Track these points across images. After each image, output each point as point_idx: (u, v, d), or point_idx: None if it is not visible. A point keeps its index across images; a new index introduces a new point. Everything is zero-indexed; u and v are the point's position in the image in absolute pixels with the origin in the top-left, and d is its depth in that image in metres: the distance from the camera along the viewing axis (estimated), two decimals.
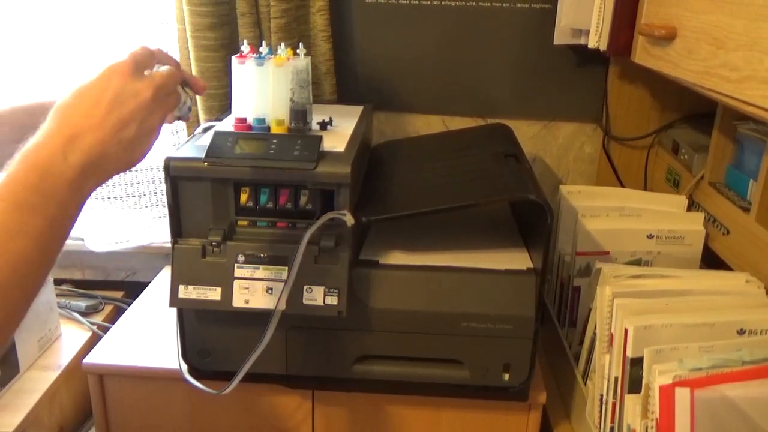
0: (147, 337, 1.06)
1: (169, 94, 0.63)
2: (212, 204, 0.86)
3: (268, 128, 0.89)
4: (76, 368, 1.11)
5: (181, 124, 1.25)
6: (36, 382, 1.05)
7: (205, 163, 0.83)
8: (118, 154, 0.57)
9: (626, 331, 0.77)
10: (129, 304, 1.21)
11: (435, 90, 1.29)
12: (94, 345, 1.04)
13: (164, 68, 0.65)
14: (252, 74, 0.87)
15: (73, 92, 0.57)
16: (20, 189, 0.52)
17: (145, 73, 0.62)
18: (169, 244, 0.87)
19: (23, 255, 0.51)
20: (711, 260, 0.99)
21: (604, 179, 1.30)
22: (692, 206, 1.06)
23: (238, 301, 0.85)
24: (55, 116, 0.56)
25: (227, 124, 0.97)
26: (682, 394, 0.68)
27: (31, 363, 1.10)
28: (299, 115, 0.90)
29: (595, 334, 0.87)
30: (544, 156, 1.34)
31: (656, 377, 0.70)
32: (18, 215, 0.51)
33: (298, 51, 0.90)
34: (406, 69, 1.28)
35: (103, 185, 1.30)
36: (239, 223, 0.87)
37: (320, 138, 0.85)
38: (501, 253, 0.95)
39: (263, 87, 0.88)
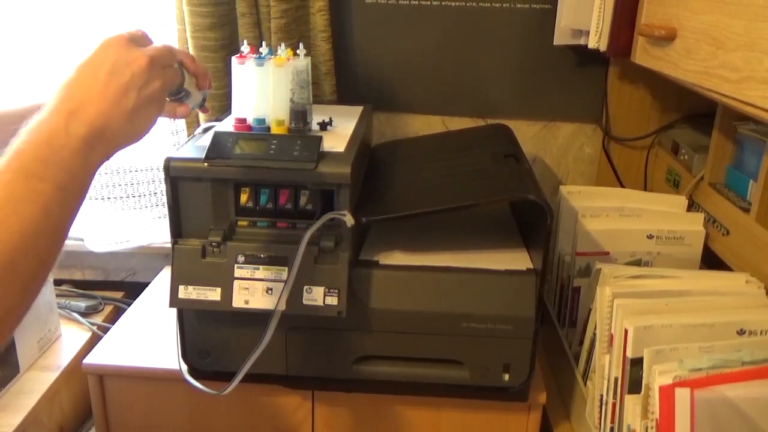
0: (147, 337, 1.06)
1: (165, 67, 0.63)
2: (212, 204, 0.86)
3: (268, 128, 0.89)
4: (76, 368, 1.11)
5: (181, 124, 1.25)
6: (36, 383, 1.05)
7: (205, 164, 0.83)
8: (121, 124, 0.58)
9: (626, 331, 0.77)
10: (129, 305, 1.21)
11: (435, 90, 1.29)
12: (94, 345, 1.04)
13: (159, 44, 0.66)
14: (252, 74, 0.87)
15: (73, 69, 0.58)
16: (26, 160, 0.53)
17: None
18: (169, 245, 0.87)
19: (33, 222, 0.51)
20: (711, 260, 0.99)
21: (604, 179, 1.30)
22: (692, 206, 1.06)
23: (238, 302, 0.85)
24: (56, 93, 0.57)
25: (227, 125, 0.97)
26: (682, 395, 0.68)
27: (30, 363, 1.10)
28: (299, 115, 0.90)
29: (595, 334, 0.87)
30: (544, 156, 1.34)
31: (656, 377, 0.70)
32: (26, 183, 0.52)
33: (298, 51, 0.90)
34: (406, 69, 1.28)
35: (104, 185, 1.31)
36: (239, 223, 0.87)
37: (320, 138, 0.85)
38: (501, 253, 0.95)
39: (263, 87, 0.88)
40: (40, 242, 0.52)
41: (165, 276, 1.30)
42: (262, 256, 0.85)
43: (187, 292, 0.85)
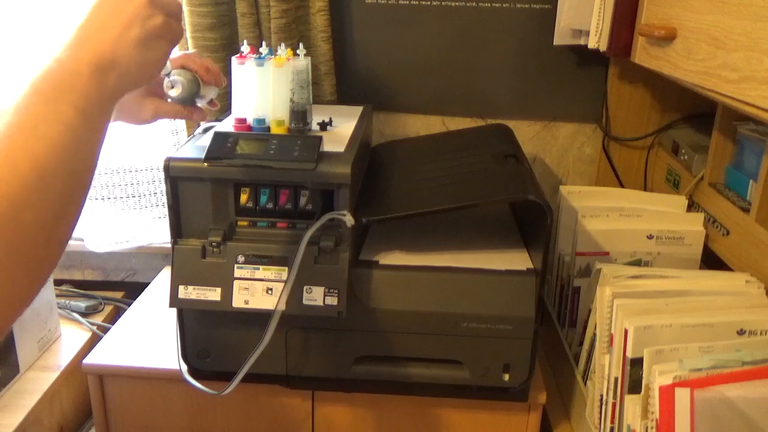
0: (147, 337, 1.06)
1: (170, 15, 0.64)
2: (212, 204, 0.86)
3: (268, 128, 0.89)
4: (76, 369, 1.11)
5: (181, 124, 1.25)
6: (36, 383, 1.05)
7: (205, 164, 0.83)
8: (130, 55, 0.60)
9: (626, 331, 0.77)
10: (129, 305, 1.21)
11: (435, 90, 1.29)
12: (94, 345, 1.04)
13: None
14: (252, 75, 0.87)
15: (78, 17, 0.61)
16: (41, 87, 0.54)
17: None
18: (169, 245, 0.87)
19: (57, 139, 0.52)
20: (711, 261, 0.99)
21: (603, 180, 1.30)
22: (692, 207, 1.06)
23: (238, 302, 0.85)
24: (64, 40, 0.59)
25: (227, 125, 0.97)
26: (682, 395, 0.68)
27: (31, 363, 1.10)
28: (299, 115, 0.90)
29: (595, 334, 0.87)
30: (544, 156, 1.34)
31: (656, 378, 0.70)
32: (44, 106, 0.53)
33: (297, 51, 0.90)
34: (406, 69, 1.28)
35: (104, 185, 1.31)
36: (239, 223, 0.87)
37: (320, 138, 0.85)
38: (501, 253, 0.95)
39: (263, 87, 0.88)
40: (68, 158, 0.53)
41: (165, 276, 1.30)
42: (262, 256, 0.85)
43: (187, 292, 0.85)
